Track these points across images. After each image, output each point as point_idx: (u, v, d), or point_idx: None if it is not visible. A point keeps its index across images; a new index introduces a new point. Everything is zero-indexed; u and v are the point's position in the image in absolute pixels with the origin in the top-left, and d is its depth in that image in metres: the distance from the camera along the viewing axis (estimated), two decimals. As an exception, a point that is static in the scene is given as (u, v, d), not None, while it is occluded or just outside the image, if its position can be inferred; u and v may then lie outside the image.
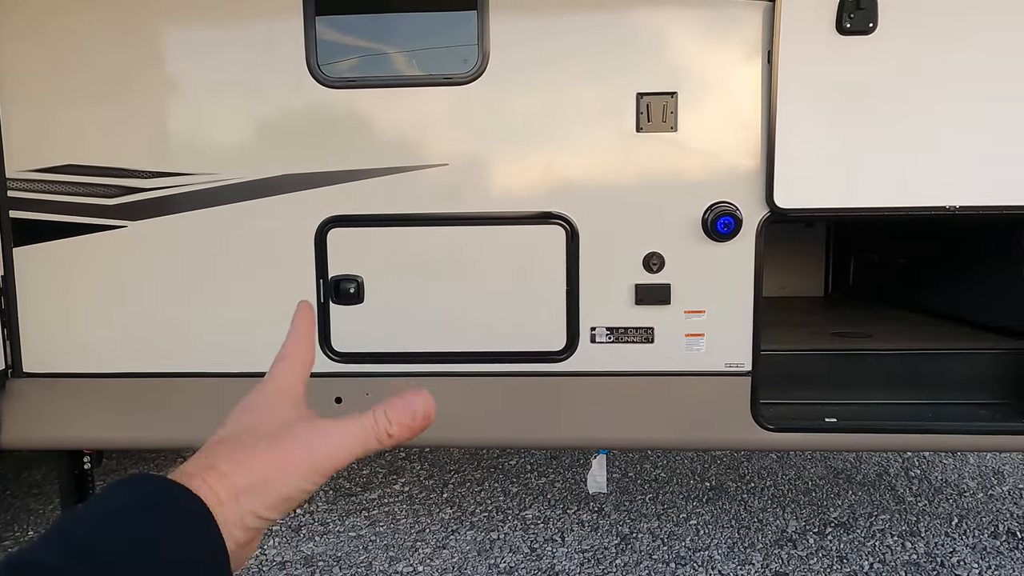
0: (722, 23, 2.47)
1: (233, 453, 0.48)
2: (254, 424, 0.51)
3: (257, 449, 0.48)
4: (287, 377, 0.55)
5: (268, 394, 0.54)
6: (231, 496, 0.46)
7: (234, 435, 0.50)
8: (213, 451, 0.49)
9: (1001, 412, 2.77)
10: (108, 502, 0.44)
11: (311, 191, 2.60)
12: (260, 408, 0.53)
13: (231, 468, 0.47)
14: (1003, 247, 3.16)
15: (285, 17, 2.56)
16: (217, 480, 0.46)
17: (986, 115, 2.40)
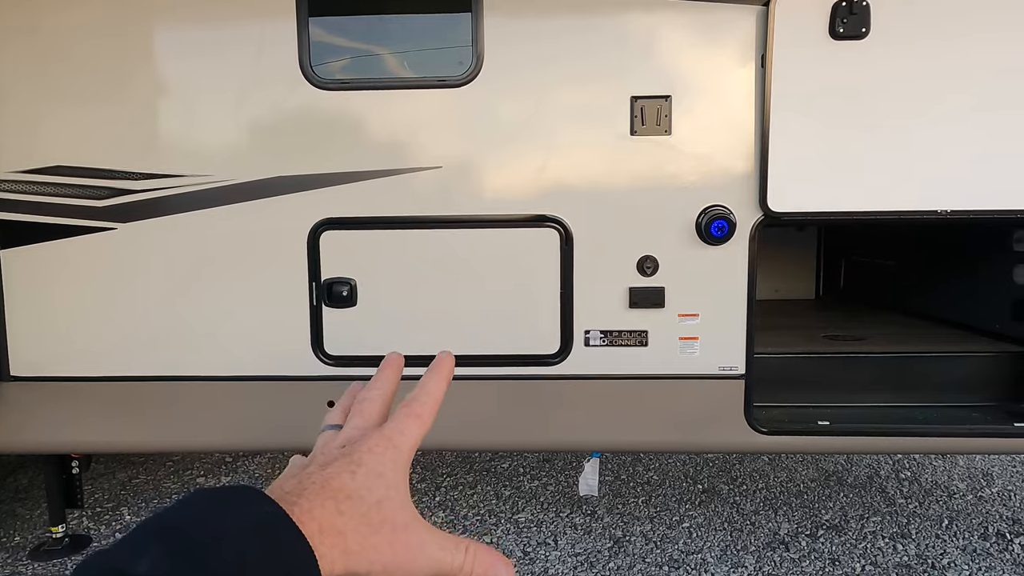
0: (716, 27, 2.48)
1: (366, 535, 0.47)
2: (384, 498, 0.48)
3: (383, 540, 0.47)
4: (413, 440, 0.53)
5: (398, 459, 0.51)
6: (335, 565, 0.45)
7: (366, 502, 0.48)
8: (344, 508, 0.47)
9: (991, 414, 2.79)
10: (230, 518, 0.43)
11: (304, 193, 2.58)
12: (389, 474, 0.50)
13: (358, 548, 0.46)
14: (993, 251, 3.19)
15: (278, 18, 2.55)
16: (340, 554, 0.45)
17: (977, 120, 2.42)
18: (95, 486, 4.08)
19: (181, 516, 0.42)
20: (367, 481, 0.48)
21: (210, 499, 0.44)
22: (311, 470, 0.49)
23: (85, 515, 3.70)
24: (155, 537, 0.41)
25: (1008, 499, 3.86)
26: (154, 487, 4.11)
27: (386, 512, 0.48)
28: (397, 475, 0.50)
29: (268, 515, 0.43)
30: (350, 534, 0.46)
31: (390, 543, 0.47)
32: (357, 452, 0.50)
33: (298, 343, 2.65)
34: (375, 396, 0.57)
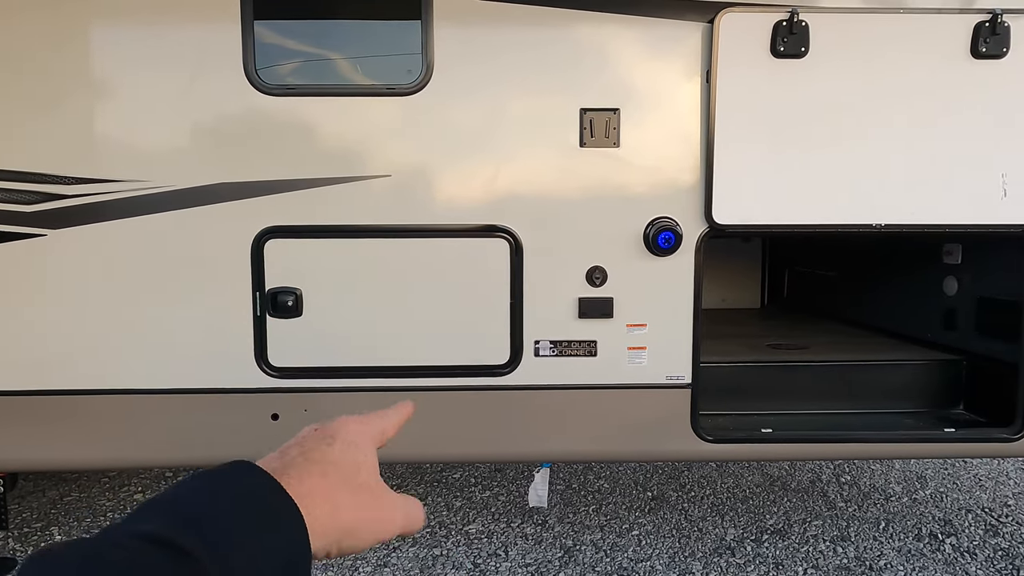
0: (663, 42, 2.53)
1: (349, 495, 0.52)
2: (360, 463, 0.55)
3: (363, 499, 0.53)
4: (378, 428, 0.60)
5: (366, 433, 0.58)
6: (329, 531, 0.50)
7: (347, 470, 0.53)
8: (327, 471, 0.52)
9: (924, 420, 2.90)
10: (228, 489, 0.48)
11: (248, 200, 2.52)
12: (362, 444, 0.56)
13: (343, 506, 0.52)
14: (925, 263, 3.33)
15: (222, 20, 2.48)
16: (328, 514, 0.50)
17: (910, 139, 2.52)
18: (23, 505, 3.87)
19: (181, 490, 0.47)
20: (343, 450, 0.54)
21: (210, 476, 0.48)
22: (291, 451, 0.53)
23: (11, 536, 3.51)
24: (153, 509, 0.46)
25: (940, 500, 4.02)
26: (88, 505, 3.92)
27: (363, 476, 0.54)
28: (367, 446, 0.56)
29: (261, 485, 0.48)
30: (335, 494, 0.51)
31: (369, 502, 0.53)
32: (329, 428, 0.56)
33: (241, 354, 2.57)
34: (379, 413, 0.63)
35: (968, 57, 2.49)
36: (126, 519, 0.45)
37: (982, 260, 3.02)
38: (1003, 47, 2.47)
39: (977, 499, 4.02)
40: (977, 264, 3.05)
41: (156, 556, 0.42)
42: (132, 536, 0.43)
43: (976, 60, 2.49)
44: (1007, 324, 2.76)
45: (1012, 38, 2.47)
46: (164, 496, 0.47)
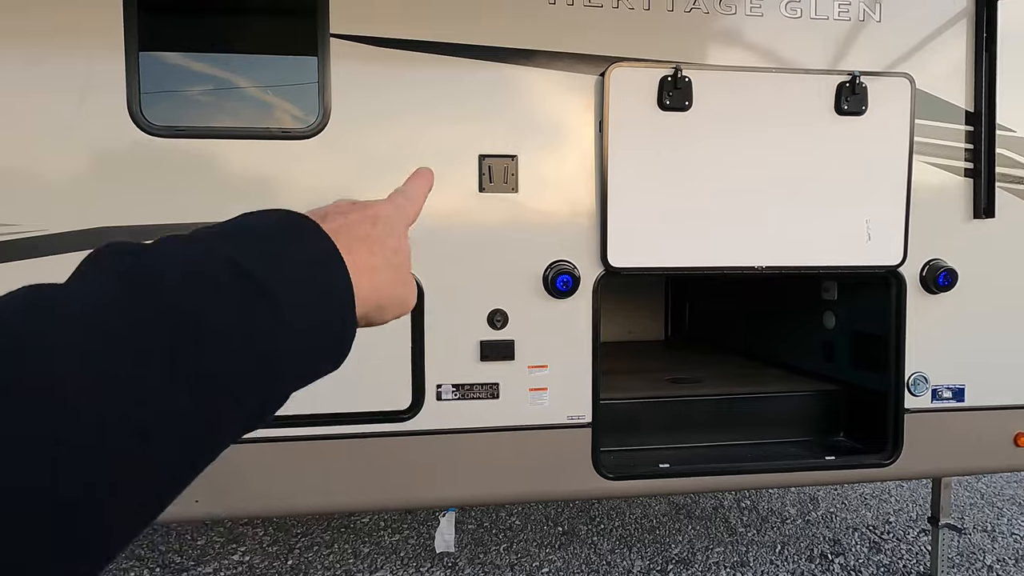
0: (559, 92, 2.62)
1: (390, 272, 0.55)
2: (398, 247, 0.57)
3: (399, 277, 0.56)
4: (408, 213, 0.61)
5: (402, 218, 0.60)
6: (366, 305, 0.53)
7: (388, 252, 0.56)
8: (375, 250, 0.54)
9: (807, 449, 3.08)
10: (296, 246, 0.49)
11: (132, 245, 2.40)
12: (399, 228, 0.59)
13: (383, 284, 0.55)
14: (808, 299, 3.56)
15: (104, 53, 2.37)
16: (370, 288, 0.53)
17: (784, 188, 2.71)
18: None
19: (252, 224, 0.49)
20: (385, 231, 0.56)
21: (273, 218, 0.50)
22: (334, 218, 0.54)
23: None
24: (234, 233, 0.47)
25: (831, 521, 4.25)
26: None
27: (400, 257, 0.57)
28: (404, 231, 0.59)
29: (324, 248, 0.50)
30: (378, 271, 0.54)
31: (401, 283, 0.57)
32: (370, 207, 0.57)
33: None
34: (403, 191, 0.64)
35: (833, 114, 2.72)
36: (196, 235, 0.46)
37: (854, 297, 3.27)
38: (862, 105, 2.72)
39: (863, 518, 4.29)
40: (850, 301, 3.30)
41: (243, 285, 0.43)
42: (219, 258, 0.44)
43: (840, 117, 2.72)
44: (876, 356, 2.99)
45: (870, 97, 2.72)
46: (234, 227, 0.48)
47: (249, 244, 0.46)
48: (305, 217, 0.51)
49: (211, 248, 0.45)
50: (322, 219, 0.54)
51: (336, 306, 0.49)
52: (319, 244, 0.50)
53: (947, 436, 2.92)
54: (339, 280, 0.50)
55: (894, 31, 2.80)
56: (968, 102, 2.86)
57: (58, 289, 0.40)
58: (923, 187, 2.82)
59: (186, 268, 0.42)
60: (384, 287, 0.55)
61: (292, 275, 0.46)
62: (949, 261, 2.84)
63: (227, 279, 0.43)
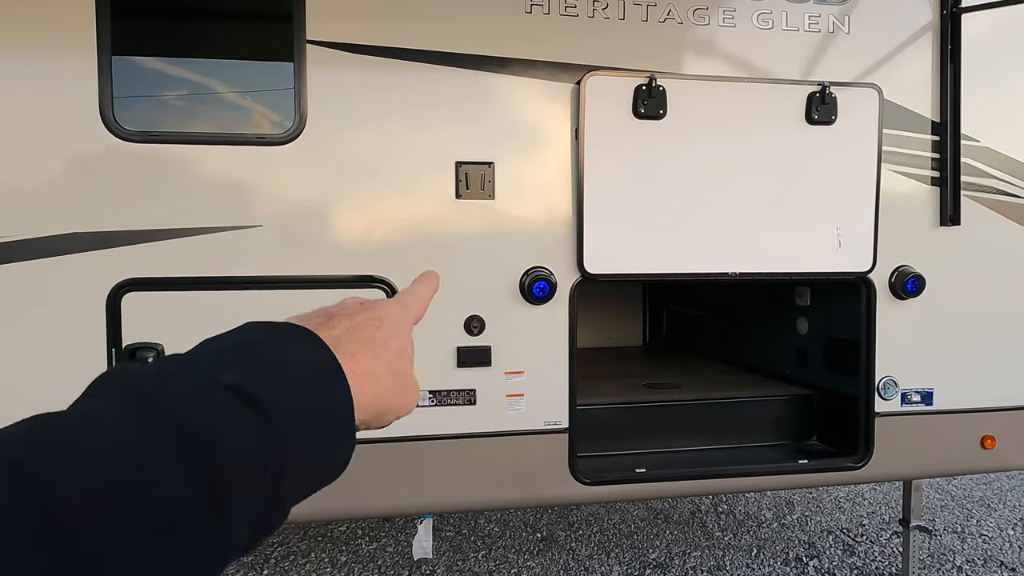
0: (535, 100, 2.64)
1: (392, 379, 0.54)
2: (402, 348, 0.56)
3: (402, 384, 0.55)
4: (414, 313, 0.61)
5: (408, 318, 0.59)
6: (366, 412, 0.52)
7: (392, 356, 0.55)
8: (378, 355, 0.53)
9: (781, 453, 3.12)
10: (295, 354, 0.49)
11: (103, 252, 2.37)
12: (404, 329, 0.58)
13: (385, 392, 0.53)
14: (782, 304, 3.62)
15: (76, 56, 2.35)
16: (371, 397, 0.52)
17: (757, 195, 2.76)
18: None
19: (254, 340, 0.49)
20: (390, 333, 0.55)
21: (273, 332, 0.50)
22: (339, 322, 0.54)
23: None
24: (234, 352, 0.47)
25: (806, 524, 4.30)
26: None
27: (404, 361, 0.56)
28: (408, 332, 0.58)
29: (324, 361, 0.49)
30: (381, 379, 0.53)
31: (403, 387, 0.55)
32: (377, 309, 0.57)
33: (94, 416, 2.38)
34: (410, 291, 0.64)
35: (804, 123, 2.77)
36: (198, 357, 0.46)
37: (826, 303, 3.32)
38: (832, 115, 2.78)
39: (837, 520, 4.34)
40: (822, 306, 3.35)
41: (246, 414, 0.43)
42: (219, 385, 0.43)
43: (810, 126, 2.78)
44: (848, 361, 3.04)
45: (839, 107, 2.78)
46: (234, 344, 0.48)
47: (249, 363, 0.46)
48: (306, 330, 0.51)
49: (213, 371, 0.45)
50: (329, 319, 0.54)
51: (336, 421, 0.49)
52: (320, 357, 0.50)
53: (916, 439, 2.97)
54: (340, 394, 0.49)
55: (863, 43, 2.86)
56: (934, 112, 2.93)
57: (62, 417, 0.40)
58: (891, 195, 2.88)
59: (188, 393, 0.43)
60: (385, 395, 0.54)
61: (292, 393, 0.46)
62: (917, 267, 2.90)
63: (228, 403, 0.43)
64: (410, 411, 0.58)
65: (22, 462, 0.36)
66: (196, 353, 0.47)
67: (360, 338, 0.53)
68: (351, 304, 0.57)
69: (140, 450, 0.39)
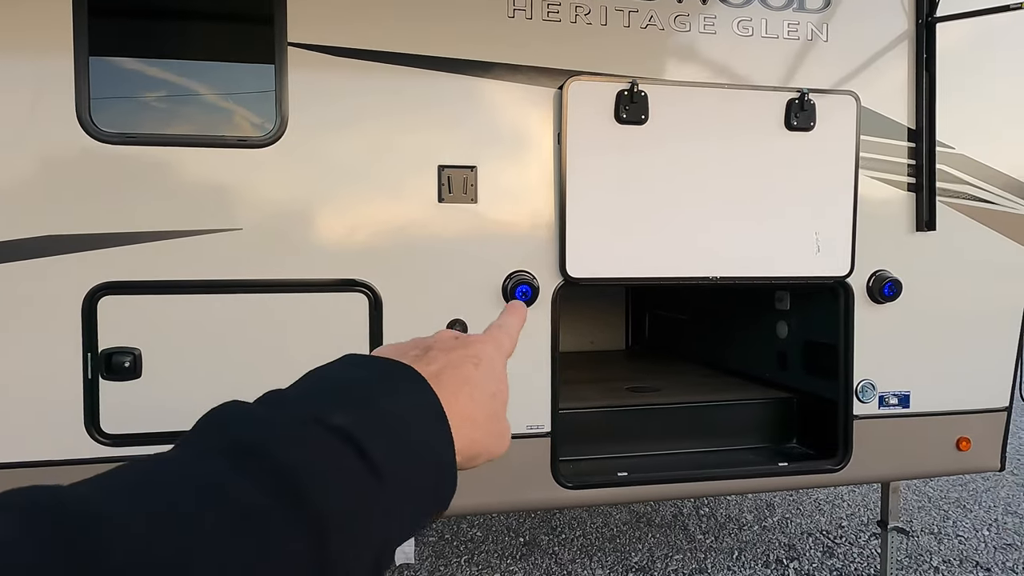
0: (518, 104, 2.65)
1: (488, 423, 0.52)
2: (497, 391, 0.54)
3: (496, 428, 0.54)
4: (508, 350, 0.59)
5: (502, 359, 0.58)
6: (461, 456, 0.50)
7: (487, 398, 0.53)
8: (475, 397, 0.52)
9: (761, 455, 3.15)
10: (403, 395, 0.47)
11: (80, 254, 2.34)
12: (499, 370, 0.56)
13: (481, 436, 0.52)
14: (762, 308, 3.65)
15: (52, 56, 2.32)
16: (468, 441, 0.50)
17: (737, 201, 2.78)
18: None
19: (360, 379, 0.47)
20: (487, 374, 0.54)
21: (383, 372, 0.48)
22: (436, 357, 0.52)
23: None
24: (340, 394, 0.45)
25: (786, 526, 4.34)
26: None
27: (498, 403, 0.54)
28: (503, 371, 0.56)
29: (428, 403, 0.48)
30: (478, 422, 0.51)
31: (497, 431, 0.54)
32: (473, 346, 0.55)
33: (69, 422, 2.35)
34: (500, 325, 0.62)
35: (783, 129, 2.80)
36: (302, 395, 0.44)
37: (806, 307, 3.36)
38: (811, 121, 2.81)
39: (816, 523, 4.38)
40: (802, 311, 3.39)
41: (353, 461, 0.41)
42: (326, 427, 0.42)
43: (790, 132, 2.81)
44: (827, 364, 3.07)
45: (818, 114, 2.82)
46: (342, 381, 0.46)
47: (349, 404, 0.44)
48: (411, 368, 0.49)
49: (312, 412, 0.43)
50: (424, 352, 0.52)
51: (439, 467, 0.47)
52: (422, 398, 0.48)
53: (894, 441, 3.01)
54: (443, 439, 0.48)
55: (840, 51, 2.91)
56: (910, 119, 2.98)
57: (162, 461, 0.39)
58: (869, 201, 2.92)
59: (287, 434, 0.41)
60: (482, 439, 0.52)
61: (400, 441, 0.44)
62: (894, 272, 2.94)
63: (328, 446, 0.41)
64: (501, 456, 0.56)
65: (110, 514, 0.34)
66: (303, 390, 0.46)
67: (459, 378, 0.52)
68: (446, 338, 0.56)
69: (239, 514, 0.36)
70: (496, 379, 0.55)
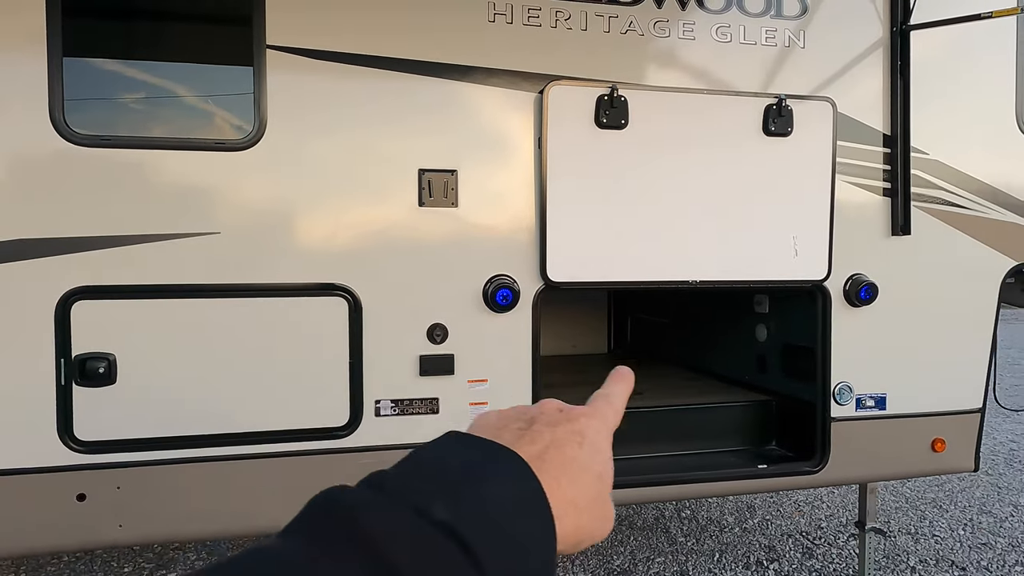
0: (499, 108, 2.65)
1: (592, 507, 0.49)
2: (603, 471, 0.51)
3: (599, 512, 0.50)
4: (613, 424, 0.55)
5: (608, 435, 0.54)
6: (563, 545, 0.47)
7: (592, 481, 0.50)
8: (578, 480, 0.49)
9: (741, 458, 3.17)
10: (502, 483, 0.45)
11: (53, 259, 2.30)
12: (605, 448, 0.52)
13: (585, 522, 0.49)
14: (742, 312, 3.68)
15: (24, 56, 2.28)
16: (572, 528, 0.48)
17: (717, 205, 2.80)
18: None
19: (464, 463, 0.45)
20: (591, 454, 0.50)
21: (488, 454, 0.46)
22: (540, 433, 0.49)
23: None
24: (439, 483, 0.43)
25: (766, 528, 4.37)
26: None
27: (603, 484, 0.50)
28: (608, 449, 0.53)
29: (531, 491, 0.45)
30: (582, 507, 0.48)
31: (604, 515, 0.50)
32: (577, 421, 0.52)
33: (41, 429, 2.31)
34: (606, 396, 0.58)
35: (761, 135, 2.83)
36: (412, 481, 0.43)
37: (784, 310, 3.39)
38: (788, 127, 2.84)
39: (796, 524, 4.42)
40: (780, 314, 3.42)
41: (456, 556, 0.40)
42: (431, 523, 0.40)
43: (768, 137, 2.84)
44: (805, 367, 3.10)
45: (795, 120, 2.85)
46: (446, 467, 0.44)
47: (454, 494, 0.43)
48: (515, 455, 0.47)
49: (426, 502, 0.42)
50: (528, 426, 0.50)
51: (539, 557, 0.44)
52: (526, 485, 0.46)
53: (871, 443, 3.05)
54: (544, 530, 0.45)
55: (817, 57, 2.94)
56: (885, 125, 3.02)
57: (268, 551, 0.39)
58: (845, 205, 2.96)
59: (392, 529, 0.40)
60: (586, 525, 0.49)
61: (498, 531, 0.43)
62: (870, 276, 2.98)
63: (433, 542, 0.41)
64: (604, 538, 0.53)
65: None
66: (409, 473, 0.45)
67: (564, 459, 0.49)
68: (551, 410, 0.53)
69: None
70: (601, 459, 0.52)
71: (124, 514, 2.37)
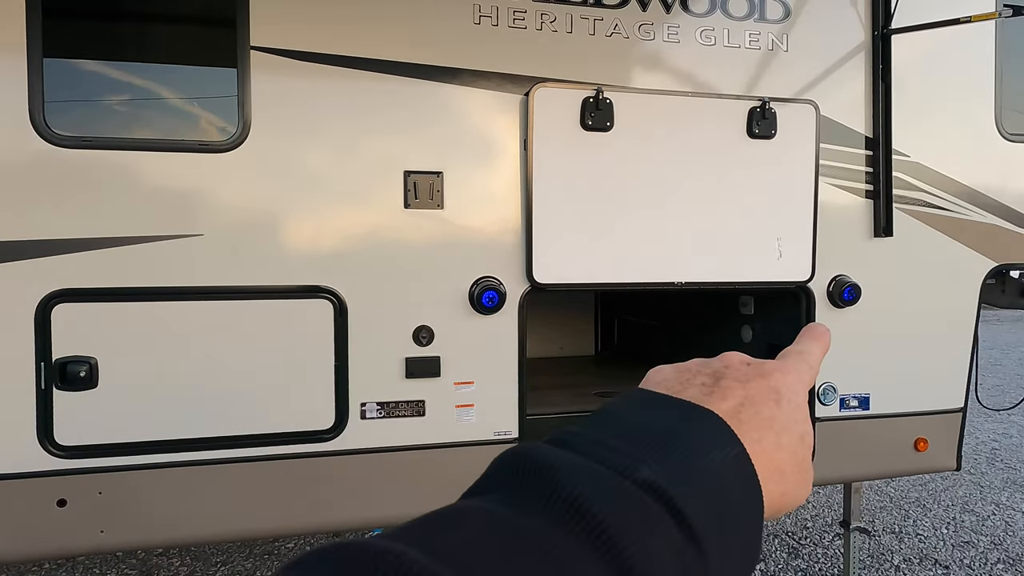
0: (484, 111, 2.65)
1: (796, 472, 0.44)
2: (805, 432, 0.46)
3: (803, 477, 0.45)
4: (809, 381, 0.50)
5: (804, 392, 0.48)
6: (770, 507, 0.43)
7: (794, 442, 0.45)
8: (782, 442, 0.44)
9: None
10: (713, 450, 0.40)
11: (32, 261, 2.27)
12: (803, 406, 0.46)
13: (791, 488, 0.44)
14: (728, 313, 3.70)
15: (3, 57, 2.25)
16: (778, 495, 0.43)
17: (701, 207, 2.82)
18: None
19: (662, 424, 0.40)
20: (791, 412, 0.45)
21: (683, 414, 0.41)
22: (730, 385, 0.44)
23: None
24: (650, 446, 0.39)
25: (753, 528, 4.39)
26: None
27: (806, 447, 0.45)
28: (806, 409, 0.47)
29: (735, 455, 0.41)
30: (787, 473, 0.43)
31: (806, 478, 0.45)
32: (771, 377, 0.46)
33: (20, 434, 2.27)
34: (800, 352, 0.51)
35: (745, 137, 2.85)
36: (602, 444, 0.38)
37: (769, 311, 3.41)
38: (772, 129, 2.87)
39: (782, 524, 4.45)
40: (765, 315, 3.45)
41: (668, 524, 0.36)
42: (633, 480, 0.36)
43: (752, 140, 2.86)
44: (790, 368, 3.12)
45: (779, 122, 2.87)
46: (646, 431, 0.40)
47: (654, 453, 0.38)
48: (710, 412, 0.42)
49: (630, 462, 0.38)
50: (715, 382, 0.45)
51: (749, 532, 0.40)
52: (729, 450, 0.41)
53: (855, 443, 3.07)
54: (752, 492, 0.41)
55: (801, 61, 2.97)
56: (868, 128, 3.06)
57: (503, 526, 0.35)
58: (829, 207, 2.98)
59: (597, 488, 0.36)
60: (791, 491, 0.44)
61: (711, 501, 0.38)
62: (853, 277, 3.01)
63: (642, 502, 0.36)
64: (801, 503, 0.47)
65: None
66: (605, 433, 0.40)
67: (762, 418, 0.43)
68: (737, 363, 0.47)
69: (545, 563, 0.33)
70: (801, 419, 0.46)
71: (106, 520, 2.34)
